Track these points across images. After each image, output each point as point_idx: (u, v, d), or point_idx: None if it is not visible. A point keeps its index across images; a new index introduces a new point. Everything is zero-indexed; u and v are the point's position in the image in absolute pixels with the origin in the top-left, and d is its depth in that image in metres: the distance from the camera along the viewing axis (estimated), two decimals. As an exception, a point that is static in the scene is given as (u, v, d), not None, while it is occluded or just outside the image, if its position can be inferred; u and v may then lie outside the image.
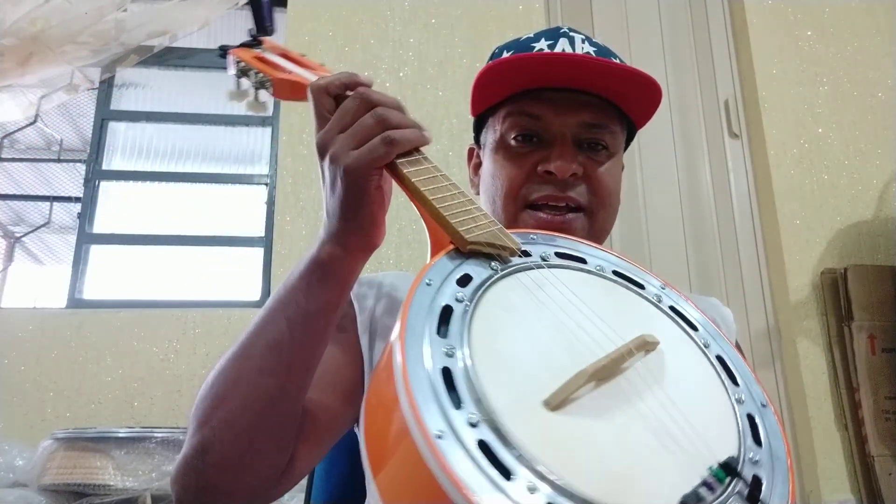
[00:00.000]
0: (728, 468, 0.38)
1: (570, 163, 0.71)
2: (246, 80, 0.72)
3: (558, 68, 0.73)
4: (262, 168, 2.41)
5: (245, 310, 2.09)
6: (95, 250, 2.28)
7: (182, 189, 2.56)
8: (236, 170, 2.54)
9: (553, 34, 0.78)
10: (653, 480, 0.37)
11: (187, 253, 2.40)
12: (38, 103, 2.40)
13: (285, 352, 0.55)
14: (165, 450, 1.50)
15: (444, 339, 0.39)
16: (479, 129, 0.83)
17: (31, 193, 3.63)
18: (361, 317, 0.73)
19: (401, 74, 2.24)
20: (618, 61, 0.77)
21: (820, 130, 2.34)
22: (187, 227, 2.43)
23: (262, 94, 0.72)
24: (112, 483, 1.45)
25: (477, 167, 0.84)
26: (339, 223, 0.54)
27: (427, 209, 0.51)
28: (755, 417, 0.44)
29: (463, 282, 0.44)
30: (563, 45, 0.77)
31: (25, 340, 1.94)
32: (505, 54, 0.78)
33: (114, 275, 2.34)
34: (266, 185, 2.34)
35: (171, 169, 2.53)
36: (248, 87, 0.72)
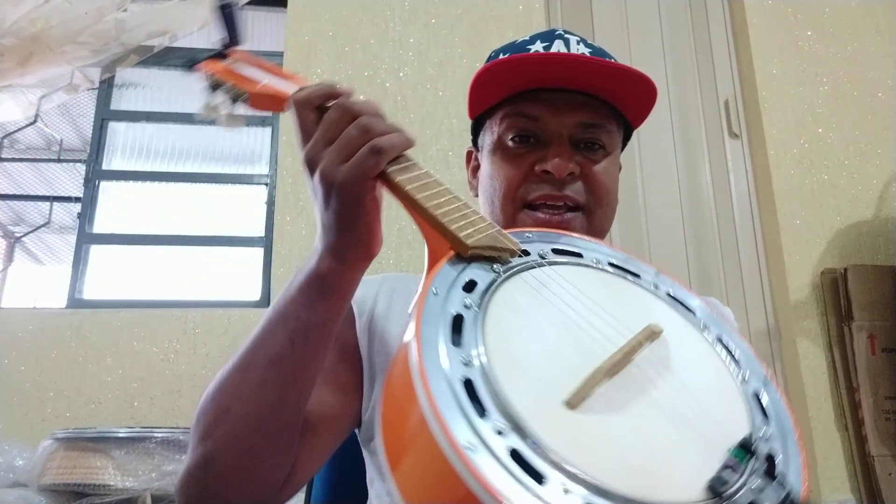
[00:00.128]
0: (746, 447, 0.39)
1: (567, 162, 0.72)
2: (219, 93, 0.69)
3: (554, 68, 0.73)
4: (262, 168, 2.41)
5: (245, 310, 2.09)
6: (95, 250, 2.28)
7: (182, 189, 2.56)
8: (236, 170, 2.55)
9: (548, 36, 0.78)
10: (678, 469, 0.37)
11: (187, 253, 2.40)
12: (38, 103, 2.40)
13: (287, 365, 0.55)
14: (165, 450, 1.50)
15: (459, 349, 0.39)
16: (476, 131, 0.83)
17: (31, 193, 3.64)
18: (360, 320, 0.73)
19: (401, 74, 2.23)
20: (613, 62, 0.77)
21: (820, 130, 2.34)
22: (187, 227, 2.43)
23: (237, 108, 0.69)
24: (112, 483, 1.45)
25: (475, 170, 0.84)
26: (336, 238, 0.54)
27: (424, 217, 0.51)
28: (760, 394, 0.45)
29: (469, 287, 0.44)
30: (558, 47, 0.77)
31: (25, 340, 1.94)
32: (501, 57, 0.78)
33: (114, 275, 2.34)
34: (266, 185, 2.34)
35: (171, 169, 2.53)
36: (221, 100, 0.69)
